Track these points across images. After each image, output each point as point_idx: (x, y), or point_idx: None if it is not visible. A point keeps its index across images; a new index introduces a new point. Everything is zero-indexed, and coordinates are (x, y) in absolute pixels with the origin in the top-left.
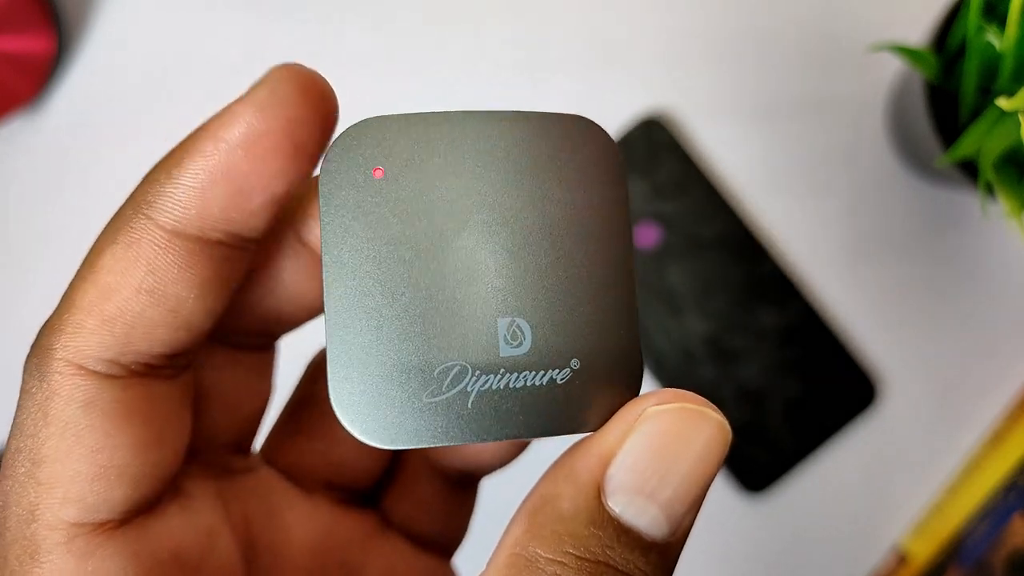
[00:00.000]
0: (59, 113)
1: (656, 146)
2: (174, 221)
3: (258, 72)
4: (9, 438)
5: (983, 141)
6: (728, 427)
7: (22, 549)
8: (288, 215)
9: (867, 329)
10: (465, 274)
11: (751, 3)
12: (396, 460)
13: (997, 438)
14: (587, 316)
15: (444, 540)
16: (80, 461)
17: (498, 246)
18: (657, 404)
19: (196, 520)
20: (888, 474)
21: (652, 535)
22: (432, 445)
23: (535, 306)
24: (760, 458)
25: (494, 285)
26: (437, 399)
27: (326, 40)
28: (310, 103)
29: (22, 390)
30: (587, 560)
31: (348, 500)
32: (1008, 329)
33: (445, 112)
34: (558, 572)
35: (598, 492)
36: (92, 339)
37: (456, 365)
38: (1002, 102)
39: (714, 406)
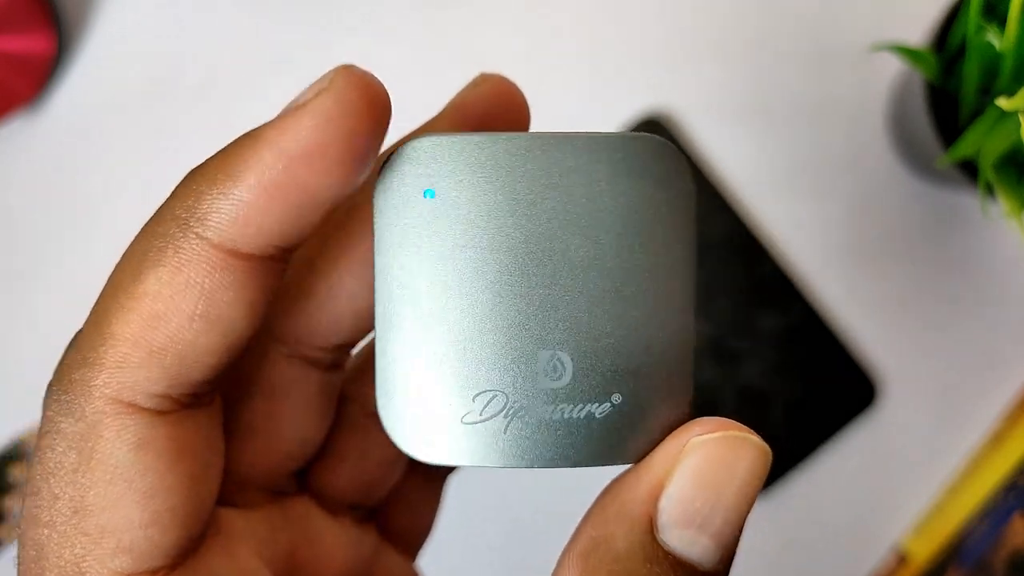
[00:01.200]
0: (59, 113)
1: None
2: (231, 240)
3: (257, 72)
4: (37, 480)
5: (983, 141)
6: (768, 450)
7: None
8: (360, 223)
9: (867, 329)
10: (510, 303)
11: (752, 3)
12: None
13: (997, 438)
14: (634, 350)
15: (418, 539)
16: (132, 508)
17: (546, 276)
18: (700, 434)
19: (236, 560)
20: (888, 474)
21: (704, 564)
22: (468, 464)
23: (578, 340)
24: None
25: (539, 316)
26: (474, 423)
27: (326, 40)
28: (373, 113)
29: (48, 428)
30: None
31: (363, 518)
32: (1008, 329)
33: (502, 134)
34: None
35: (651, 527)
36: (140, 373)
37: (493, 393)
38: (1002, 102)
39: (754, 432)
